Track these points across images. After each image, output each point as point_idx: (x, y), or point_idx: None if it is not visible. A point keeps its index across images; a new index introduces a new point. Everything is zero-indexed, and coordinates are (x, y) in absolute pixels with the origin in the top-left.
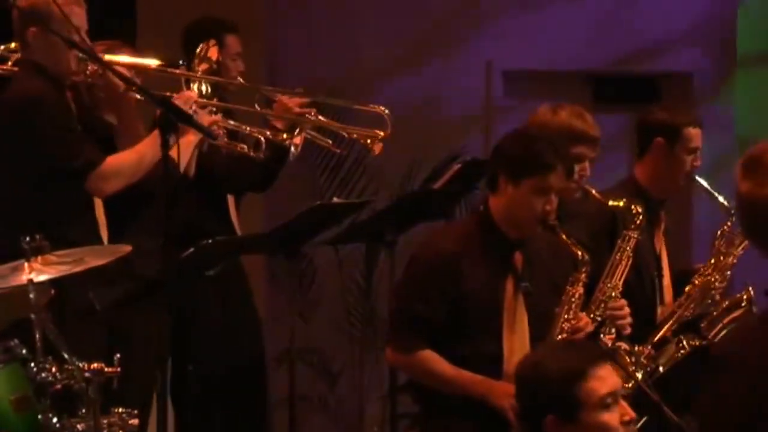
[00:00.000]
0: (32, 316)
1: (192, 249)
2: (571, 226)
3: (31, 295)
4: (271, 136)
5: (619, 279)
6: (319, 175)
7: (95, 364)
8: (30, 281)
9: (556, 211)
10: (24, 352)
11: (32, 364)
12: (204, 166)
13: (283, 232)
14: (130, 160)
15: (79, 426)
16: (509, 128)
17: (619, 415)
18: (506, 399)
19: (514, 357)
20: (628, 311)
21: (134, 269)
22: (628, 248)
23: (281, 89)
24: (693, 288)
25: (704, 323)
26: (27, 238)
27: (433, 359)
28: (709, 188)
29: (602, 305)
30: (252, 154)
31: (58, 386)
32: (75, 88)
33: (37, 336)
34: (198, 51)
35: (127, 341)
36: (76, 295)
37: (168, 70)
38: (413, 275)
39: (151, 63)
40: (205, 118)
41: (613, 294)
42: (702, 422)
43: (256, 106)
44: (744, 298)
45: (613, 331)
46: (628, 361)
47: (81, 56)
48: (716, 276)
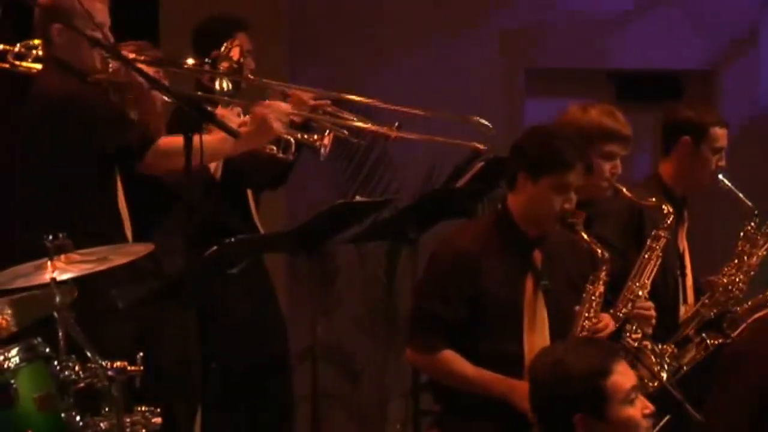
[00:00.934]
0: (55, 314)
1: (215, 247)
2: (600, 224)
3: (55, 295)
4: (300, 138)
5: (648, 278)
6: (342, 174)
7: (118, 363)
8: (53, 280)
9: (585, 209)
10: (47, 350)
11: (55, 363)
12: (226, 164)
13: (305, 231)
14: (178, 144)
15: (102, 424)
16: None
17: (640, 408)
18: (528, 399)
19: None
20: (654, 313)
21: (162, 267)
22: (658, 248)
23: (294, 86)
24: (716, 288)
25: (726, 322)
26: (50, 237)
27: (454, 359)
28: (733, 188)
29: (630, 304)
30: (281, 155)
31: (82, 384)
32: (98, 86)
33: (60, 334)
34: (222, 50)
35: (156, 339)
36: (100, 292)
37: (192, 67)
38: (432, 275)
39: (173, 66)
40: (234, 119)
41: (640, 293)
42: (710, 413)
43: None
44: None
45: (639, 330)
46: (653, 360)
47: (104, 54)
48: (739, 276)
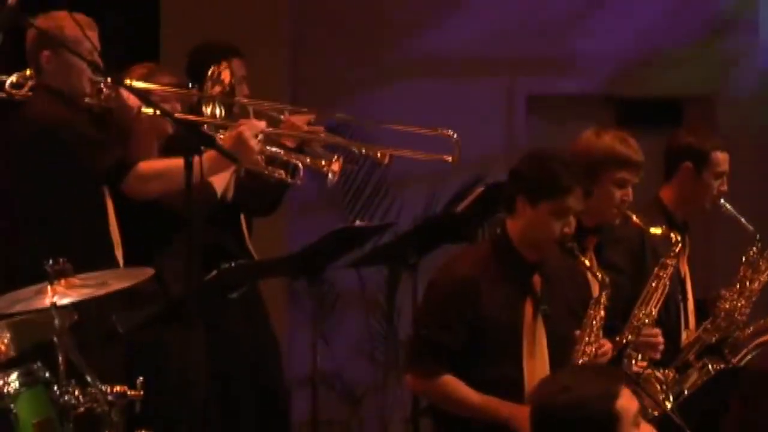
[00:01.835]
0: (55, 339)
1: (215, 272)
2: (612, 250)
3: (55, 319)
4: (309, 163)
5: (655, 307)
6: (342, 198)
7: (118, 387)
8: (53, 304)
9: (596, 235)
10: (47, 375)
11: (55, 387)
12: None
13: (305, 255)
14: (161, 167)
15: None
16: None
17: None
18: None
19: (534, 380)
20: (662, 340)
21: (169, 290)
22: (665, 276)
23: (288, 107)
24: (718, 313)
25: (727, 348)
26: (50, 261)
27: (455, 384)
28: (735, 213)
29: (636, 331)
30: (290, 180)
31: (81, 409)
32: (89, 112)
33: (60, 359)
34: (210, 73)
35: (161, 362)
36: (100, 317)
37: (182, 91)
38: (432, 301)
39: (166, 88)
40: (252, 142)
41: (647, 321)
42: None
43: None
44: None
45: (645, 358)
46: (657, 388)
47: (95, 79)
48: (741, 302)
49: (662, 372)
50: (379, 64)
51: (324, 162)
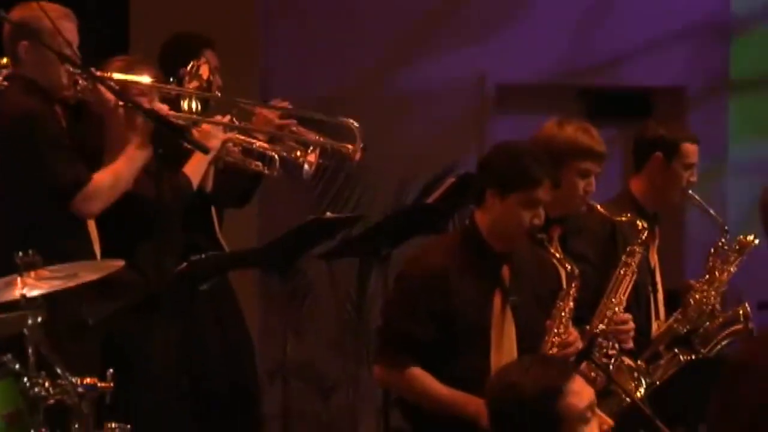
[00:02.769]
0: (25, 331)
1: (186, 263)
2: (576, 240)
3: (26, 311)
4: (285, 155)
5: (624, 294)
6: (313, 190)
7: (88, 379)
8: (23, 296)
9: (560, 225)
10: (17, 367)
11: (25, 379)
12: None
13: (276, 247)
14: (109, 178)
15: None
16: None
17: (597, 424)
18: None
19: None
20: (632, 326)
21: (149, 280)
22: (633, 264)
23: (260, 102)
24: (689, 304)
25: (697, 339)
26: (20, 254)
27: (423, 377)
28: (703, 204)
29: (606, 320)
30: (266, 171)
31: (51, 401)
32: (65, 104)
33: (30, 351)
34: (189, 68)
35: (131, 356)
36: (70, 309)
37: (160, 86)
38: (401, 292)
39: (143, 80)
40: (219, 135)
41: (617, 309)
42: (712, 428)
43: (234, 120)
44: (740, 313)
45: (616, 346)
46: (629, 376)
47: (72, 71)
48: (711, 292)
49: (636, 363)
50: (349, 52)
51: (300, 153)
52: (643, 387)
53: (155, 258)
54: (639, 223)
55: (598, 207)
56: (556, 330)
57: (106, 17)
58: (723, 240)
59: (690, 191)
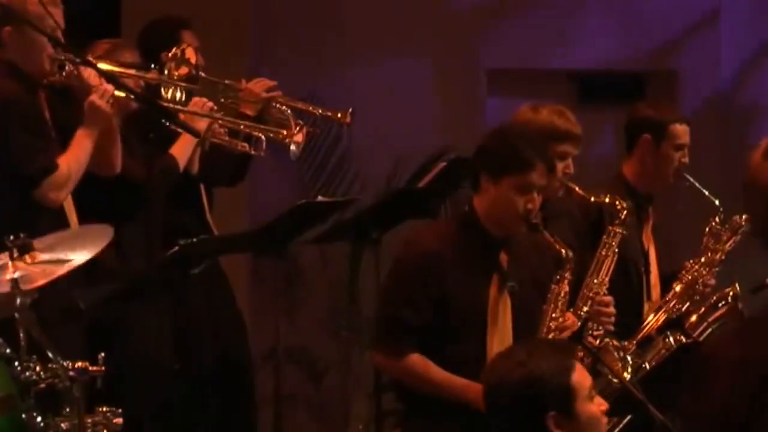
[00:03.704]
0: (16, 315)
1: (176, 248)
2: (555, 224)
3: (16, 295)
4: (272, 136)
5: (605, 275)
6: (304, 173)
7: (79, 363)
8: (14, 281)
9: (540, 210)
10: (8, 351)
11: (16, 363)
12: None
13: (267, 231)
14: (73, 165)
15: (63, 425)
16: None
17: (598, 405)
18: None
19: None
20: (613, 310)
21: (130, 263)
22: (613, 244)
23: (245, 81)
24: (680, 284)
25: (689, 321)
26: (11, 237)
27: (422, 363)
28: (696, 184)
29: (589, 302)
30: (253, 152)
31: (42, 385)
32: (51, 88)
33: (21, 335)
34: (173, 54)
35: (123, 339)
36: (56, 293)
37: (144, 75)
38: (398, 277)
39: (128, 69)
40: (200, 121)
41: (600, 291)
42: (686, 421)
43: (222, 99)
44: (730, 294)
45: (601, 328)
46: (616, 356)
47: (55, 56)
48: (703, 272)
49: (623, 344)
50: (345, 37)
51: (286, 132)
52: (627, 371)
53: (145, 241)
54: (618, 203)
55: (577, 189)
56: (552, 315)
57: (97, 6)
58: (716, 220)
59: (684, 173)
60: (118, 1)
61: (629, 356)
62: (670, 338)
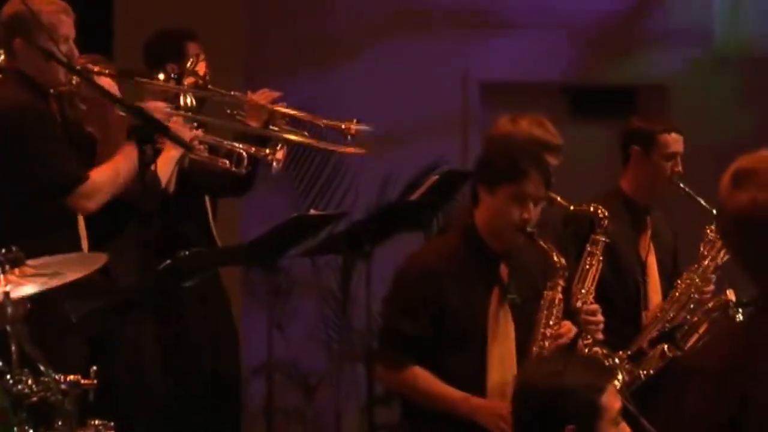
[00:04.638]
0: (8, 328)
1: (169, 260)
2: (538, 234)
3: (8, 309)
4: (253, 152)
5: (591, 284)
6: (296, 187)
7: (71, 376)
8: (6, 294)
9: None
10: (0, 364)
11: (8, 377)
12: (185, 173)
13: (260, 244)
14: (108, 176)
15: None
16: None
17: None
18: (494, 419)
19: (499, 371)
20: (601, 318)
21: (117, 282)
22: (597, 252)
23: (251, 94)
24: (677, 292)
25: (680, 334)
26: (3, 250)
27: (423, 376)
28: (692, 193)
29: (576, 310)
30: (234, 169)
31: (35, 398)
32: (60, 98)
33: (12, 348)
34: (189, 65)
35: (114, 353)
36: (53, 306)
37: (153, 82)
38: (399, 291)
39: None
40: (186, 133)
41: (587, 299)
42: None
43: (227, 110)
44: (723, 301)
45: (589, 336)
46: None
47: (72, 68)
48: (696, 280)
49: (614, 354)
50: (332, 50)
51: (268, 150)
52: (618, 381)
53: (128, 258)
54: (599, 212)
55: (558, 199)
56: (545, 321)
57: (90, 12)
58: (712, 227)
59: (678, 181)
60: (111, 15)
61: (618, 363)
62: (665, 349)
